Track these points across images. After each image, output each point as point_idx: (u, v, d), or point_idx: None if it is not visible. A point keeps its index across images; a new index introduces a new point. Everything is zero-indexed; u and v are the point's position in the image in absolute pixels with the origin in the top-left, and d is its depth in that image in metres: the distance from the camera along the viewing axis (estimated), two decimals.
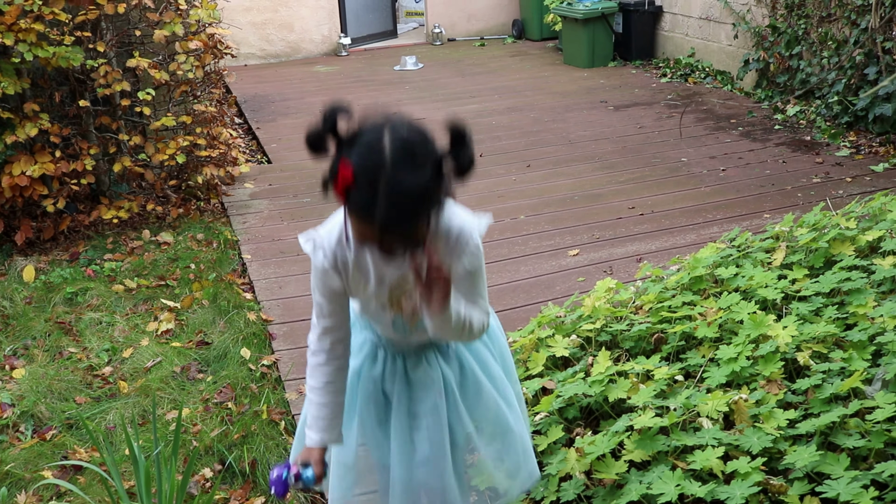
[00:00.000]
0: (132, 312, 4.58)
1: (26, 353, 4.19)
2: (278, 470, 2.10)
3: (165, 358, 4.01)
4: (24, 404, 3.64)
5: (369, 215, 1.68)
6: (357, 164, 1.68)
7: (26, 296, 4.78)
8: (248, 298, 4.68)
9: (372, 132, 1.70)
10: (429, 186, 1.71)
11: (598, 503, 2.47)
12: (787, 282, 3.39)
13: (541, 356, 3.17)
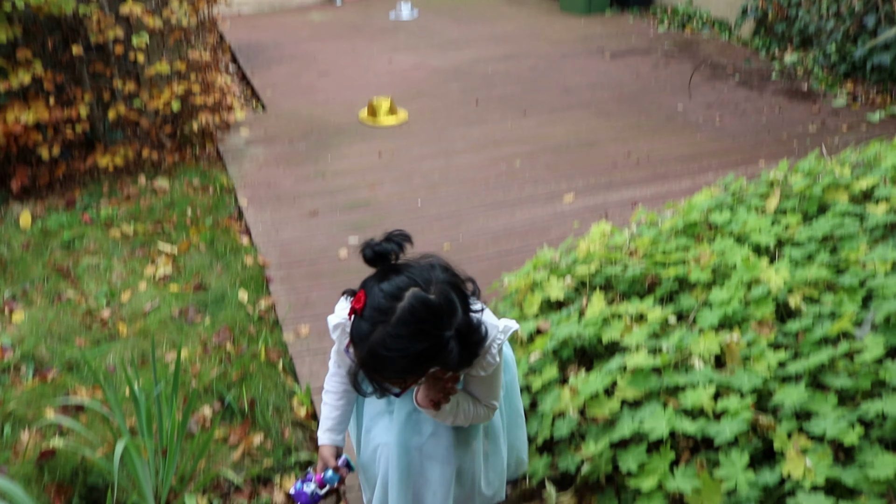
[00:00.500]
0: (129, 257, 4.61)
1: (25, 298, 4.21)
2: (297, 484, 2.26)
3: (163, 301, 4.04)
4: (24, 346, 3.67)
5: (356, 345, 1.80)
6: (371, 300, 1.77)
7: (23, 241, 4.80)
8: (244, 242, 4.70)
9: (405, 281, 1.77)
10: (416, 355, 1.76)
11: (591, 439, 2.52)
12: (781, 227, 3.41)
13: (536, 298, 3.20)
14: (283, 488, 2.89)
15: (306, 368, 3.49)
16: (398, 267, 1.81)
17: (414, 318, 1.73)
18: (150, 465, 2.74)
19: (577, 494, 2.61)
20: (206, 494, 2.88)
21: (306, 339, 3.70)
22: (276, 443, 3.09)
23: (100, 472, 2.89)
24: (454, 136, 6.33)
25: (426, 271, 1.81)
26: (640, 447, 2.38)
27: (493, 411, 2.17)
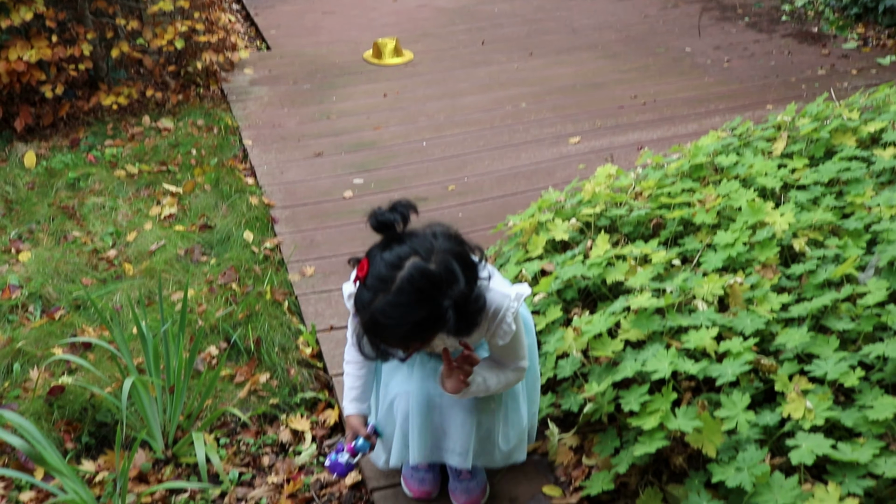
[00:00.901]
0: (135, 197, 4.61)
1: (31, 237, 4.23)
2: (331, 454, 2.33)
3: (169, 241, 4.05)
4: (31, 286, 3.69)
5: (359, 311, 1.86)
6: (373, 268, 1.82)
7: (28, 181, 4.80)
8: (249, 183, 4.70)
9: (406, 250, 1.82)
10: (415, 323, 1.81)
11: (594, 379, 2.54)
12: (787, 170, 3.40)
13: (540, 239, 3.21)
14: (288, 426, 2.92)
15: (311, 308, 3.51)
16: (402, 236, 1.85)
17: (412, 287, 1.78)
18: (157, 403, 2.78)
19: (579, 434, 2.65)
20: (213, 432, 2.93)
21: (311, 280, 3.72)
22: (281, 381, 3.13)
23: (108, 409, 2.93)
24: (460, 77, 6.28)
25: (428, 241, 1.85)
26: (642, 387, 2.40)
27: (524, 371, 2.22)
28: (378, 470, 2.63)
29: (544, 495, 2.51)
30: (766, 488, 2.09)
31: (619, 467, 2.37)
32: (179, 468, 2.76)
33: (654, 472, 2.47)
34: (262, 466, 2.79)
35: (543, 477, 2.58)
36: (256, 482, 2.72)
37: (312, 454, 2.81)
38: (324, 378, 3.15)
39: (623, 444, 2.45)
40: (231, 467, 2.76)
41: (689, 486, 2.32)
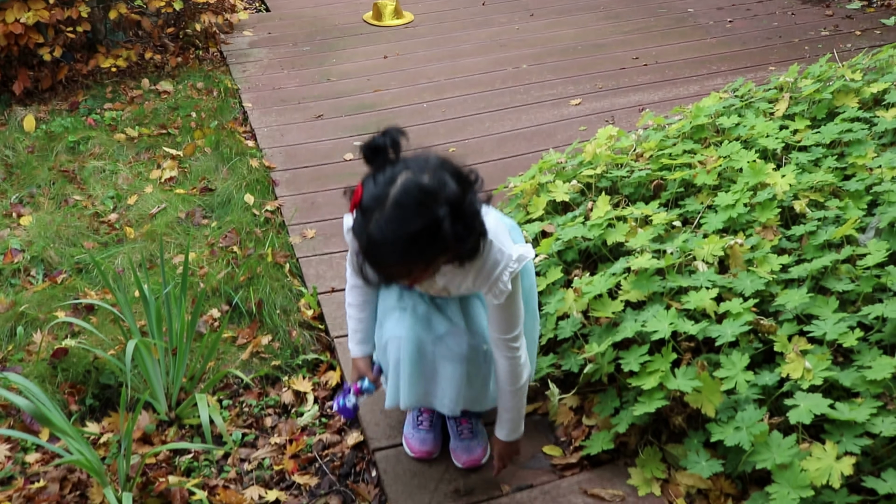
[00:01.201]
0: (135, 160, 4.60)
1: (32, 201, 4.22)
2: (338, 398, 2.35)
3: (170, 204, 4.05)
4: (33, 249, 3.70)
5: (357, 236, 1.82)
6: (367, 190, 1.79)
7: (28, 145, 4.78)
8: (249, 146, 4.69)
9: (397, 170, 1.79)
10: (410, 237, 1.75)
11: (595, 340, 2.56)
12: (789, 132, 3.39)
13: (541, 200, 3.21)
14: (290, 388, 2.95)
15: (313, 270, 3.52)
16: (394, 161, 1.83)
17: (407, 197, 1.74)
18: (160, 365, 2.80)
19: (579, 394, 2.67)
20: (216, 394, 2.95)
21: (312, 242, 3.73)
22: (283, 343, 3.14)
23: (111, 371, 2.95)
24: (460, 39, 6.24)
25: (420, 160, 1.82)
26: (642, 348, 2.42)
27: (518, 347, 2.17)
28: (380, 430, 2.65)
29: (544, 455, 2.54)
30: (765, 447, 2.11)
31: (619, 427, 2.40)
32: (183, 430, 2.78)
33: (654, 431, 2.49)
34: (265, 427, 2.82)
35: (544, 437, 2.61)
36: (259, 443, 2.74)
37: (315, 415, 2.83)
38: (325, 340, 3.17)
39: (623, 405, 2.47)
40: (234, 428, 2.79)
41: (688, 445, 2.34)
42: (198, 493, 2.43)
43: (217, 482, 2.56)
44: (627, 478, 2.40)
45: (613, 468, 2.45)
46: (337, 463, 2.62)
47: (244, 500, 2.47)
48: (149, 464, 2.62)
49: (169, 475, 2.56)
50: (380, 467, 2.53)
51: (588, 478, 2.43)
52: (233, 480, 2.58)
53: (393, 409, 2.71)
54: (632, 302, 2.61)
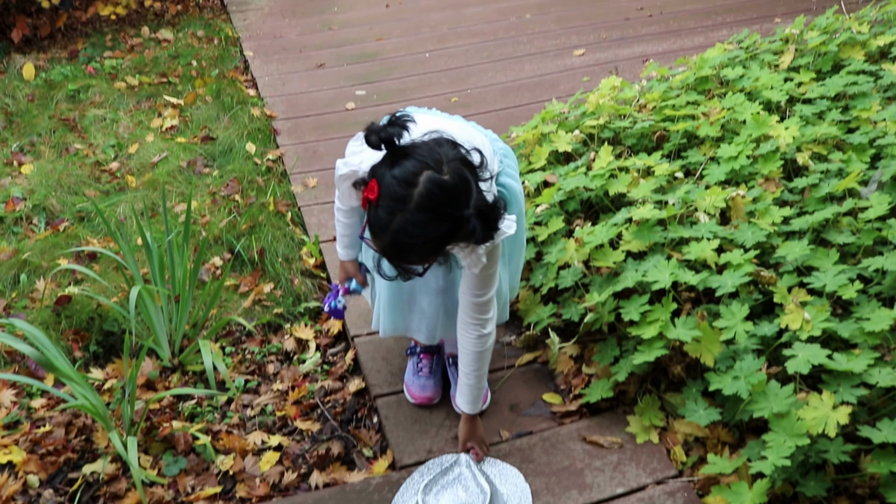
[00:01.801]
0: (136, 109, 4.58)
1: (33, 150, 4.22)
2: (327, 300, 2.42)
3: (171, 153, 4.04)
4: (35, 198, 3.70)
5: (376, 235, 1.79)
6: (385, 189, 1.74)
7: (28, 93, 4.76)
8: (251, 95, 4.67)
9: (416, 164, 1.73)
10: (440, 236, 1.77)
11: (595, 290, 2.57)
12: (793, 84, 3.37)
13: (543, 150, 3.20)
14: (293, 335, 2.97)
15: (314, 219, 3.52)
16: (405, 150, 1.77)
17: (432, 202, 1.71)
18: (163, 312, 2.82)
19: (579, 343, 2.69)
20: (219, 341, 2.97)
21: (314, 191, 3.72)
22: (285, 292, 3.16)
23: (115, 318, 2.97)
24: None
25: (434, 151, 1.77)
26: (642, 298, 2.43)
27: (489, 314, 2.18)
28: (382, 377, 2.68)
29: (544, 402, 2.56)
30: (762, 396, 2.13)
31: (619, 376, 2.42)
32: (186, 376, 2.81)
33: (653, 380, 2.51)
34: (268, 374, 2.84)
35: (543, 385, 2.63)
36: (262, 389, 2.77)
37: (317, 362, 2.85)
38: (327, 288, 3.18)
39: (622, 354, 2.49)
40: (237, 375, 2.81)
41: (686, 394, 2.37)
42: (201, 438, 2.46)
43: (220, 427, 2.59)
44: (626, 425, 2.43)
45: (612, 416, 2.48)
46: (338, 409, 2.65)
47: (247, 445, 2.50)
48: (152, 409, 2.64)
49: (173, 420, 2.59)
50: (381, 413, 2.56)
51: (587, 425, 2.46)
52: (236, 426, 2.61)
53: (394, 357, 2.75)
54: (633, 252, 2.62)
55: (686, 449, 2.34)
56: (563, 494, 2.24)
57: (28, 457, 2.44)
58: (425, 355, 2.60)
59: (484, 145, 2.17)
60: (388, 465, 2.41)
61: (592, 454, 2.36)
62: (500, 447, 2.40)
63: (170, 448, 2.50)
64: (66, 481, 2.41)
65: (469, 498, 2.08)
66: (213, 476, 2.41)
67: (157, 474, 2.41)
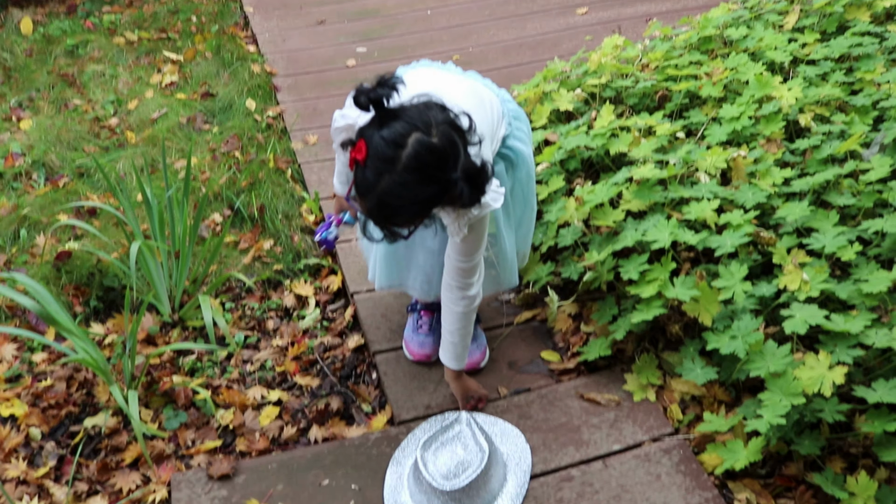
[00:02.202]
0: (135, 65, 4.55)
1: (32, 105, 4.20)
2: (321, 230, 2.40)
3: (171, 109, 4.02)
4: (34, 153, 3.69)
5: (363, 196, 1.77)
6: (373, 149, 1.71)
7: (26, 48, 4.73)
8: (251, 51, 4.63)
9: (405, 126, 1.71)
10: (427, 199, 1.76)
11: (595, 248, 2.57)
12: (798, 45, 3.35)
13: (545, 109, 3.19)
14: (292, 291, 2.98)
15: (314, 176, 3.52)
16: (394, 112, 1.74)
17: (420, 164, 1.71)
18: (163, 268, 2.82)
19: (578, 301, 2.70)
20: (219, 297, 2.98)
21: (314, 148, 3.71)
22: (285, 248, 3.16)
23: (115, 274, 2.97)
24: None
25: (424, 114, 1.75)
26: (641, 257, 2.43)
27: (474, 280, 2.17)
28: (381, 334, 2.69)
29: (542, 360, 2.58)
30: (759, 356, 2.15)
31: (617, 334, 2.43)
32: (186, 331, 2.82)
33: (651, 339, 2.53)
34: (267, 330, 2.85)
35: (542, 343, 2.64)
36: (261, 345, 2.79)
37: (316, 318, 2.87)
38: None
39: (621, 312, 2.50)
40: (236, 331, 2.83)
41: (683, 353, 2.38)
42: (202, 393, 2.47)
43: (220, 382, 2.61)
44: (623, 384, 2.45)
45: (610, 374, 2.49)
46: (338, 365, 2.67)
47: (247, 400, 2.52)
48: (153, 364, 2.66)
49: (173, 375, 2.60)
50: (380, 369, 2.58)
51: (585, 383, 2.47)
52: (235, 381, 2.63)
53: (393, 313, 2.76)
54: (633, 211, 2.62)
55: (682, 407, 2.36)
56: (560, 451, 2.26)
57: (30, 410, 2.46)
58: (425, 312, 2.61)
59: (493, 106, 2.16)
60: (387, 420, 2.44)
61: (590, 411, 2.38)
62: (498, 404, 2.42)
63: (170, 402, 2.52)
64: (67, 434, 2.44)
65: (467, 456, 2.10)
66: (213, 430, 2.44)
67: (157, 428, 2.43)
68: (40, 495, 2.23)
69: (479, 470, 2.06)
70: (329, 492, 2.19)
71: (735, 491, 2.13)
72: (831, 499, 2.06)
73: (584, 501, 2.12)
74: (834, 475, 2.06)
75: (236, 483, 2.21)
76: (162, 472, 2.28)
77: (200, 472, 2.26)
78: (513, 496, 2.13)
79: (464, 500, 2.05)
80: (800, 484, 2.12)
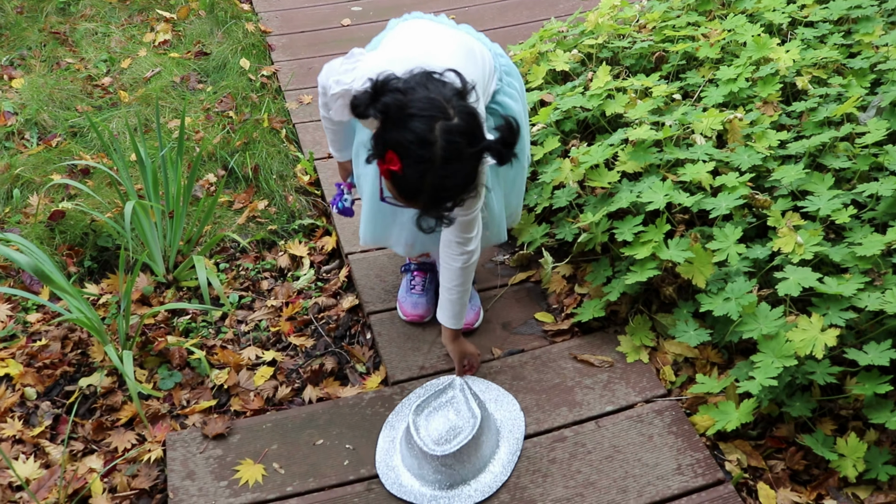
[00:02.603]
0: (128, 23, 4.50)
1: (23, 64, 4.15)
2: (336, 200, 2.46)
3: (164, 68, 3.99)
4: (26, 112, 3.66)
5: (412, 198, 1.81)
6: (406, 156, 1.73)
7: (17, 5, 4.66)
8: (245, 9, 4.59)
9: (424, 120, 1.72)
10: (472, 174, 1.82)
11: (590, 210, 2.57)
12: (796, 6, 3.32)
13: (541, 69, 3.17)
14: (287, 252, 2.97)
15: (309, 136, 3.50)
16: (405, 109, 1.73)
17: (456, 149, 1.73)
18: (157, 228, 2.81)
19: (572, 263, 2.70)
20: (213, 257, 2.97)
21: (309, 108, 3.69)
22: (280, 208, 3.15)
23: (109, 234, 2.97)
24: None
25: (431, 98, 1.75)
26: (636, 218, 2.43)
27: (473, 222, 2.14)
28: (375, 294, 2.70)
29: (536, 321, 2.59)
30: (752, 318, 2.15)
31: (611, 295, 2.44)
32: (181, 291, 2.82)
33: (644, 301, 2.53)
34: (262, 290, 2.86)
35: (536, 304, 2.65)
36: (256, 305, 2.79)
37: (311, 279, 2.87)
38: (322, 205, 3.18)
39: (615, 274, 2.50)
40: (231, 291, 2.83)
41: (677, 314, 2.39)
42: (196, 353, 2.48)
43: (215, 342, 2.62)
44: (617, 345, 2.46)
45: (603, 335, 2.50)
46: (332, 325, 2.67)
47: (241, 360, 2.53)
48: (147, 324, 2.66)
49: (168, 335, 2.61)
50: (374, 330, 2.58)
51: (578, 344, 2.48)
52: (230, 341, 2.64)
53: (388, 274, 2.76)
54: (628, 173, 2.61)
55: (675, 369, 2.37)
56: (553, 411, 2.28)
57: (25, 370, 2.47)
58: (419, 273, 2.61)
59: (485, 60, 2.15)
60: (381, 380, 2.45)
61: (583, 372, 2.39)
62: (491, 364, 2.43)
63: (165, 362, 2.53)
64: (62, 394, 2.45)
65: (459, 421, 2.11)
66: (208, 390, 2.45)
67: (152, 388, 2.44)
68: (36, 454, 2.24)
69: (470, 436, 2.07)
70: (323, 451, 2.20)
71: (726, 452, 2.15)
72: (821, 460, 2.08)
73: (577, 462, 2.14)
74: (824, 437, 2.08)
75: (231, 442, 2.23)
76: (157, 432, 2.29)
77: (195, 431, 2.27)
78: (504, 462, 2.14)
79: (455, 465, 2.06)
80: (790, 445, 2.14)
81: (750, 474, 2.11)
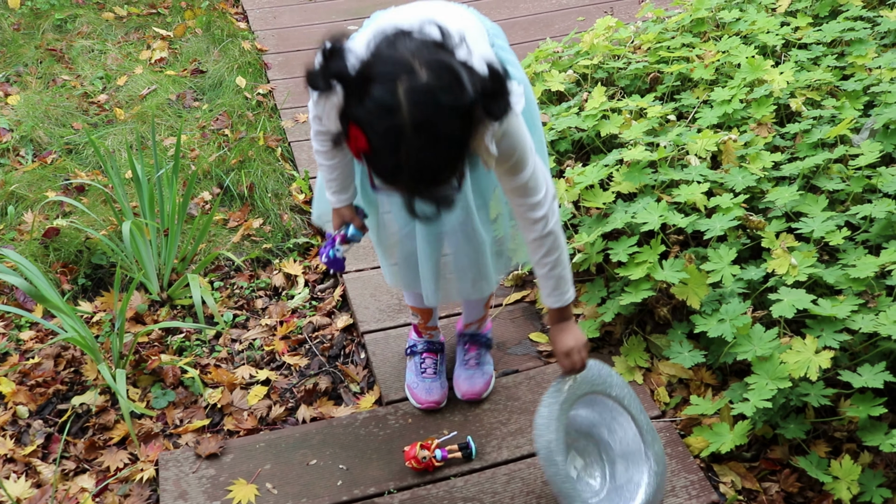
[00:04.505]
0: (124, 41, 4.51)
1: (19, 81, 4.16)
2: (324, 250, 2.12)
3: (160, 86, 3.99)
4: (22, 129, 3.66)
5: (393, 181, 1.48)
6: (371, 131, 1.41)
7: (13, 22, 4.68)
8: (241, 28, 4.60)
9: (384, 84, 1.39)
10: (459, 140, 1.45)
11: (584, 230, 2.57)
12: (790, 28, 3.34)
13: (536, 90, 3.18)
14: (281, 271, 2.97)
15: (304, 155, 3.50)
16: (364, 73, 1.42)
17: (427, 112, 1.39)
18: (152, 246, 2.81)
19: None
20: (208, 275, 2.97)
21: (304, 126, 3.70)
22: (274, 227, 3.15)
23: (103, 251, 2.96)
24: None
25: (393, 55, 1.42)
26: (631, 239, 2.43)
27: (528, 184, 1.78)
28: (370, 314, 2.69)
29: (531, 341, 2.58)
30: (746, 339, 2.16)
31: (605, 316, 2.44)
32: (175, 310, 2.82)
33: (639, 322, 2.53)
34: (256, 309, 2.85)
35: (531, 324, 2.65)
36: (250, 324, 2.78)
37: (305, 298, 2.86)
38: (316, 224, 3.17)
39: (610, 295, 2.51)
40: (225, 309, 2.82)
41: (671, 336, 2.39)
42: (190, 372, 2.47)
43: (209, 361, 2.61)
44: (611, 366, 2.45)
45: (598, 356, 2.49)
46: (326, 345, 2.67)
47: (235, 379, 2.52)
48: (141, 342, 2.66)
49: (161, 354, 2.60)
50: (368, 350, 2.58)
51: None
52: (224, 360, 2.63)
53: (382, 294, 2.76)
54: (623, 193, 2.62)
55: (669, 390, 2.37)
56: None
57: (17, 388, 2.45)
58: (428, 354, 2.43)
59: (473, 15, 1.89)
60: (375, 400, 2.44)
61: None
62: None
63: (158, 381, 2.52)
64: (55, 412, 2.43)
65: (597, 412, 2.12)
66: (202, 409, 2.44)
67: (145, 407, 2.43)
68: (27, 473, 2.23)
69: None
70: (317, 471, 2.19)
71: (720, 474, 2.15)
72: (816, 482, 2.08)
73: None
74: (818, 459, 2.08)
75: (224, 462, 2.22)
76: (150, 451, 2.28)
77: (188, 450, 2.26)
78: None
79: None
80: (784, 467, 2.13)
81: (744, 496, 2.10)
